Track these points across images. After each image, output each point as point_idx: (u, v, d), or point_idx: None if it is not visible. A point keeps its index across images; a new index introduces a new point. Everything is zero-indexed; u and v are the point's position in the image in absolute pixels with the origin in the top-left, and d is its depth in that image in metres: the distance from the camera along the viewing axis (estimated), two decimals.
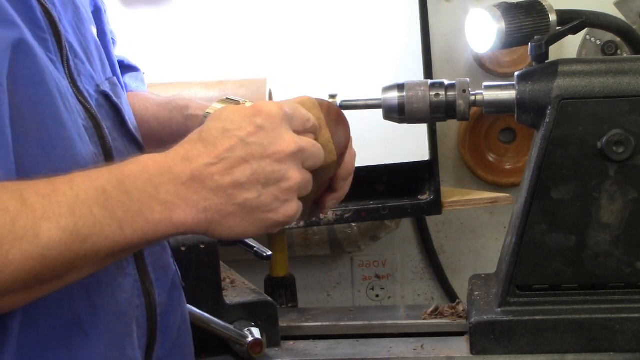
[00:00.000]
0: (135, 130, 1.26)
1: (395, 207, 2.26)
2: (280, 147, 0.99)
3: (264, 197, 0.99)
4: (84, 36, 1.18)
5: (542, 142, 1.57)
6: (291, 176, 1.00)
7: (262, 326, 1.71)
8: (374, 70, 2.18)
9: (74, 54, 1.12)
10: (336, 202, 1.22)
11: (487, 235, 2.69)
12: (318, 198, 1.20)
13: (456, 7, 2.52)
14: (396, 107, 1.61)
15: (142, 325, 1.16)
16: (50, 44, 1.07)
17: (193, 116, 1.36)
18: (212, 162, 0.97)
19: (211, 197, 0.97)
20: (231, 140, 0.98)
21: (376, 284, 2.71)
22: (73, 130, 1.05)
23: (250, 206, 0.98)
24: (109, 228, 0.93)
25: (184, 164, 0.97)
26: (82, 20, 1.19)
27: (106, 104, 1.18)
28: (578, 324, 1.59)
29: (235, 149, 0.98)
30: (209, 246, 1.69)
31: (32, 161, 0.99)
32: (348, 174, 1.21)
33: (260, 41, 2.14)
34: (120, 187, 0.95)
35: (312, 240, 2.46)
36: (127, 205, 0.94)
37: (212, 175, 0.97)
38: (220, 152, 0.98)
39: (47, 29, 1.07)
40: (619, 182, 1.57)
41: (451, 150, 2.62)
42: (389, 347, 1.72)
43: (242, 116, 1.00)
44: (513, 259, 1.62)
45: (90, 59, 1.18)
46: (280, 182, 0.99)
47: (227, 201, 0.98)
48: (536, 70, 1.60)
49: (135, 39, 2.04)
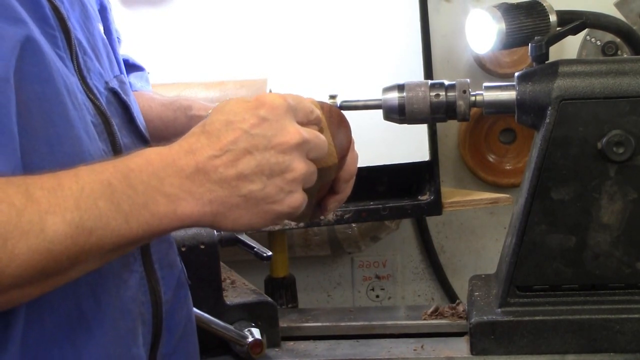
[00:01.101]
0: (143, 127, 1.27)
1: (396, 207, 2.25)
2: (284, 138, 0.99)
3: (269, 188, 0.99)
4: (91, 34, 1.18)
5: (542, 142, 1.57)
6: (296, 167, 1.00)
7: (262, 327, 1.71)
8: (374, 70, 2.18)
9: (82, 51, 1.13)
10: (338, 204, 1.22)
11: (487, 236, 2.69)
12: (320, 200, 1.20)
13: (456, 8, 2.52)
14: (396, 107, 1.61)
15: (147, 322, 1.16)
16: (59, 41, 1.07)
17: (196, 116, 1.36)
18: (217, 154, 0.97)
19: (216, 189, 0.97)
20: (235, 133, 0.98)
21: (376, 285, 2.71)
22: (80, 127, 1.05)
23: (255, 197, 0.98)
24: (115, 221, 0.93)
25: (188, 156, 0.97)
26: (89, 18, 1.19)
27: (115, 101, 1.18)
28: (578, 324, 1.59)
29: (239, 141, 0.98)
30: (209, 246, 1.69)
31: (39, 158, 0.99)
32: (350, 176, 1.20)
33: (260, 41, 2.14)
34: (125, 180, 0.94)
35: (312, 240, 2.46)
36: (132, 199, 0.94)
37: (216, 168, 0.97)
38: (224, 144, 0.98)
39: (56, 26, 1.07)
40: (619, 182, 1.57)
41: (451, 150, 2.62)
42: (389, 347, 1.72)
43: (246, 108, 1.00)
44: (513, 260, 1.62)
45: (98, 57, 1.18)
46: (284, 173, 0.99)
47: (232, 193, 0.98)
48: (536, 71, 1.60)
49: (135, 39, 2.03)
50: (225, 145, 0.98)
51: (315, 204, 1.20)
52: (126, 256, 1.12)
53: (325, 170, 1.09)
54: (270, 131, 0.99)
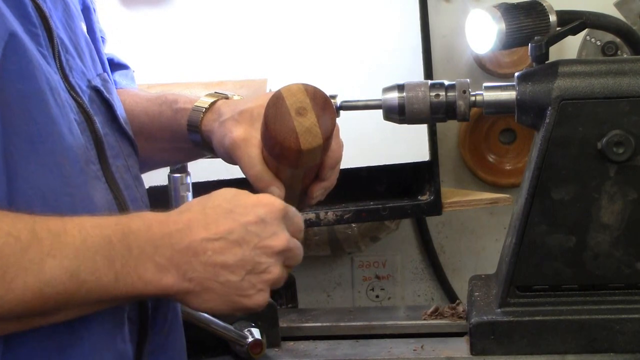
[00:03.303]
0: (126, 125, 1.27)
1: (396, 207, 2.25)
2: (273, 242, 1.06)
3: (245, 282, 1.05)
4: (74, 32, 1.19)
5: (542, 142, 1.57)
6: (273, 270, 1.07)
7: (262, 327, 1.71)
8: (374, 70, 2.18)
9: (65, 50, 1.13)
10: (324, 191, 1.25)
11: (487, 236, 2.69)
12: (306, 188, 1.21)
13: (456, 8, 2.51)
14: (396, 107, 1.61)
15: (133, 319, 1.17)
16: (41, 39, 1.08)
17: (182, 109, 1.37)
18: (211, 238, 1.03)
19: (199, 270, 1.03)
20: (233, 224, 1.04)
21: (376, 285, 2.70)
22: (63, 124, 1.06)
23: (229, 287, 1.04)
24: (106, 277, 0.98)
25: (184, 232, 1.03)
26: (71, 17, 1.19)
27: (98, 99, 1.20)
28: (578, 324, 1.59)
29: (234, 232, 1.04)
30: None
31: (21, 156, 1.00)
32: (335, 162, 1.23)
33: (260, 41, 2.14)
34: (124, 240, 0.99)
35: (312, 240, 2.46)
36: (126, 259, 0.99)
37: (206, 251, 1.03)
38: (220, 231, 1.04)
39: (39, 24, 1.08)
40: (619, 182, 1.57)
41: (451, 150, 2.62)
42: (389, 347, 1.72)
43: (248, 203, 1.06)
44: (513, 260, 1.62)
45: (80, 55, 1.19)
46: (262, 273, 1.06)
47: (212, 277, 1.04)
48: (536, 71, 1.60)
49: (135, 40, 2.04)
50: (220, 232, 1.03)
51: (301, 192, 1.21)
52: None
53: (310, 152, 1.11)
54: (263, 232, 1.05)
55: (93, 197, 1.10)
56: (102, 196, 1.13)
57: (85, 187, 1.09)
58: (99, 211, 1.11)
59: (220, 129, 1.26)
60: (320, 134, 1.12)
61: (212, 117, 1.30)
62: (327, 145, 1.16)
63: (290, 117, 1.12)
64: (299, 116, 1.12)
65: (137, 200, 1.22)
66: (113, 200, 1.15)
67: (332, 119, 1.15)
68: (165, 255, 1.01)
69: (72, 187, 1.05)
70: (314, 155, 1.14)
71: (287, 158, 1.14)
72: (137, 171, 1.28)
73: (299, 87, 1.15)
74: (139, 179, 1.28)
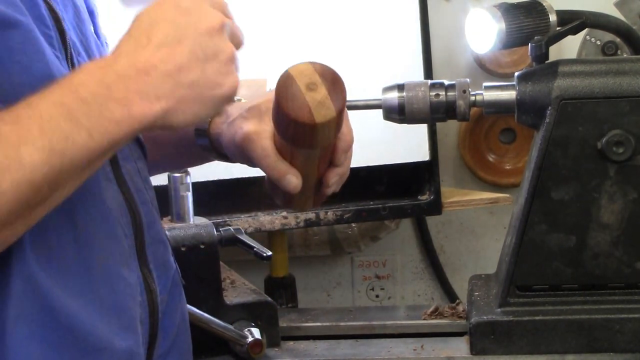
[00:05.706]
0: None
1: (395, 207, 2.26)
2: (209, 22, 1.03)
3: (208, 73, 1.02)
4: (84, 35, 1.19)
5: (542, 142, 1.57)
6: (224, 48, 1.04)
7: (262, 326, 1.71)
8: (374, 70, 2.18)
9: (77, 52, 1.14)
10: (339, 179, 1.23)
11: (487, 236, 2.69)
12: (321, 176, 1.21)
13: (456, 7, 2.51)
14: (396, 107, 1.61)
15: (144, 322, 1.16)
16: (54, 41, 1.08)
17: None
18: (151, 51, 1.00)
19: (160, 85, 1.00)
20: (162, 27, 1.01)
21: (376, 284, 2.71)
22: None
23: (198, 85, 1.02)
24: (80, 138, 0.95)
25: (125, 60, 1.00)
26: (82, 20, 1.20)
27: None
28: (578, 324, 1.59)
29: (168, 34, 1.01)
30: (209, 246, 1.69)
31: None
32: (347, 146, 1.22)
33: (260, 41, 2.14)
34: (75, 96, 0.96)
35: (312, 240, 2.46)
36: (87, 112, 0.96)
37: (154, 65, 1.00)
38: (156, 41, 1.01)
39: (52, 26, 1.08)
40: (619, 182, 1.57)
41: (451, 150, 2.62)
42: (389, 347, 1.72)
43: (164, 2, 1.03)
44: (513, 259, 1.62)
45: (91, 58, 1.19)
46: (217, 55, 1.03)
47: (175, 85, 1.00)
48: (536, 71, 1.60)
49: None
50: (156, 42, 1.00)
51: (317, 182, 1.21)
52: (124, 255, 1.13)
53: (324, 127, 1.11)
54: (192, 18, 1.02)
55: (105, 199, 1.10)
56: (113, 198, 1.12)
57: (98, 189, 1.09)
58: (112, 213, 1.11)
59: (229, 128, 1.26)
60: (332, 106, 1.11)
61: (219, 120, 1.30)
62: (340, 121, 1.15)
63: (301, 92, 1.11)
64: (310, 91, 1.12)
65: (147, 203, 1.22)
66: (124, 203, 1.15)
67: (343, 94, 1.14)
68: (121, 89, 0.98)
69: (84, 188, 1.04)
70: (328, 131, 1.13)
71: (301, 137, 1.13)
72: (146, 174, 1.27)
73: (307, 65, 1.14)
74: (148, 182, 1.28)
